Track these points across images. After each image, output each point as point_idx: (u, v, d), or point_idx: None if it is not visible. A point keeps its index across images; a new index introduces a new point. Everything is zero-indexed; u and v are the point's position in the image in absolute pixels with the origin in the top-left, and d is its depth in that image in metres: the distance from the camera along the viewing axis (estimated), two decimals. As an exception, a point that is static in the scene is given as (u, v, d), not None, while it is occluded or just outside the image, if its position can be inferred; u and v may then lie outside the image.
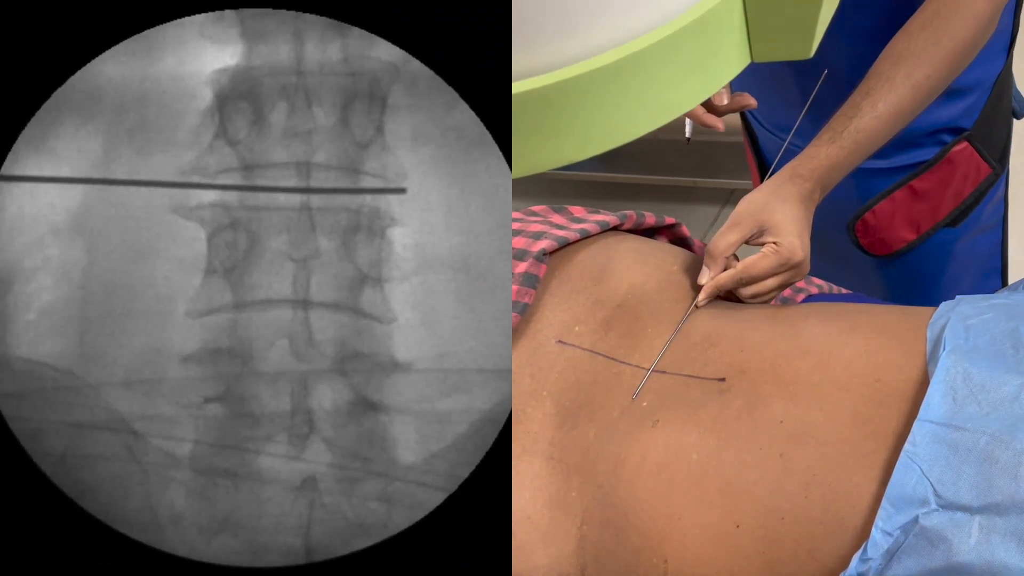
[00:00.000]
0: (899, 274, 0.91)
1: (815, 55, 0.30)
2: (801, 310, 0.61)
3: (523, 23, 0.26)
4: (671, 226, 0.76)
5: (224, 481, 0.44)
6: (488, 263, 0.44)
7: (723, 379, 0.56)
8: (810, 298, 0.74)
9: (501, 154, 0.43)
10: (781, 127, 0.90)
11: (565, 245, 0.67)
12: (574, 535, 0.55)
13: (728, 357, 0.57)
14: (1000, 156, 0.87)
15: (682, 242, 0.77)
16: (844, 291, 0.78)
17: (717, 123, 0.73)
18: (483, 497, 0.44)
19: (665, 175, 1.57)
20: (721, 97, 0.75)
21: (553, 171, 0.29)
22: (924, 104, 0.69)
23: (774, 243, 0.63)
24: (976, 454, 0.45)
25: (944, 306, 0.55)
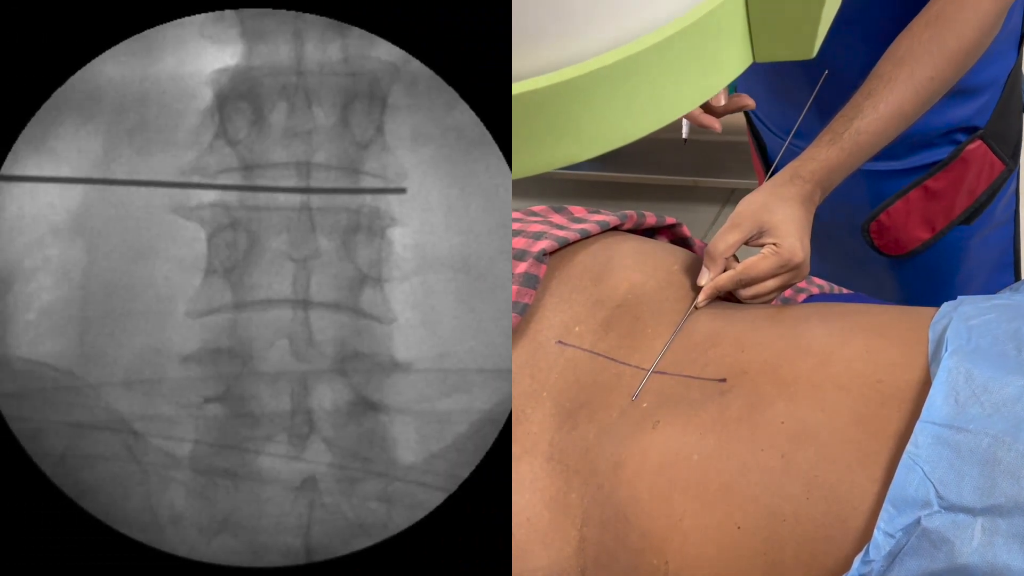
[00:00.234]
0: (914, 273, 0.91)
1: (823, 58, 0.30)
2: (802, 310, 0.61)
3: (524, 23, 0.26)
4: (672, 226, 0.76)
5: (224, 481, 0.44)
6: (488, 263, 0.44)
7: (724, 380, 0.56)
8: (811, 298, 0.74)
9: (501, 154, 0.43)
10: (789, 131, 0.89)
11: (565, 245, 0.67)
12: (574, 536, 0.55)
13: (729, 358, 0.57)
14: (1013, 152, 0.87)
15: (683, 242, 0.77)
16: (845, 291, 0.78)
17: (714, 123, 0.73)
18: (483, 497, 0.44)
19: (665, 175, 1.57)
20: (719, 98, 0.75)
21: (554, 171, 0.29)
22: (927, 105, 0.68)
23: (774, 244, 0.62)
24: (979, 455, 0.45)
25: (946, 306, 0.55)
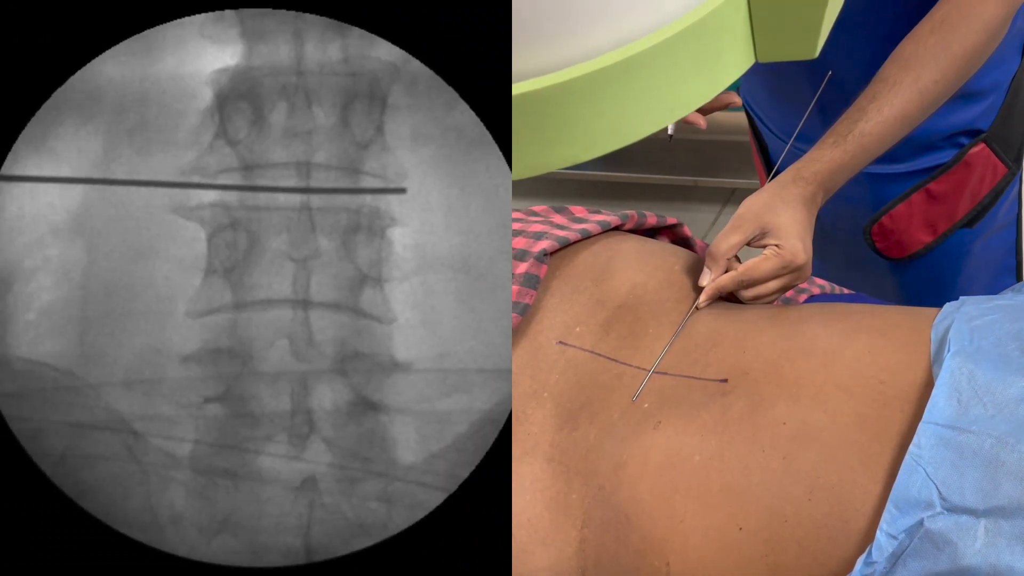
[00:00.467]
0: (915, 276, 0.91)
1: (824, 60, 0.29)
2: (804, 311, 0.61)
3: (526, 24, 0.26)
4: (673, 226, 0.76)
5: (224, 481, 0.44)
6: (488, 263, 0.44)
7: (725, 380, 0.56)
8: (812, 298, 0.74)
9: (501, 154, 0.43)
10: (789, 133, 0.89)
11: (566, 245, 0.67)
12: (575, 538, 0.54)
13: (730, 358, 0.57)
14: (1016, 155, 0.87)
15: (684, 242, 0.77)
16: (847, 291, 0.77)
17: (699, 120, 0.72)
18: (483, 497, 0.43)
19: (666, 175, 1.57)
20: None
21: (554, 171, 0.29)
22: (931, 109, 0.68)
23: (776, 245, 0.62)
24: (981, 457, 0.44)
25: (948, 307, 0.55)
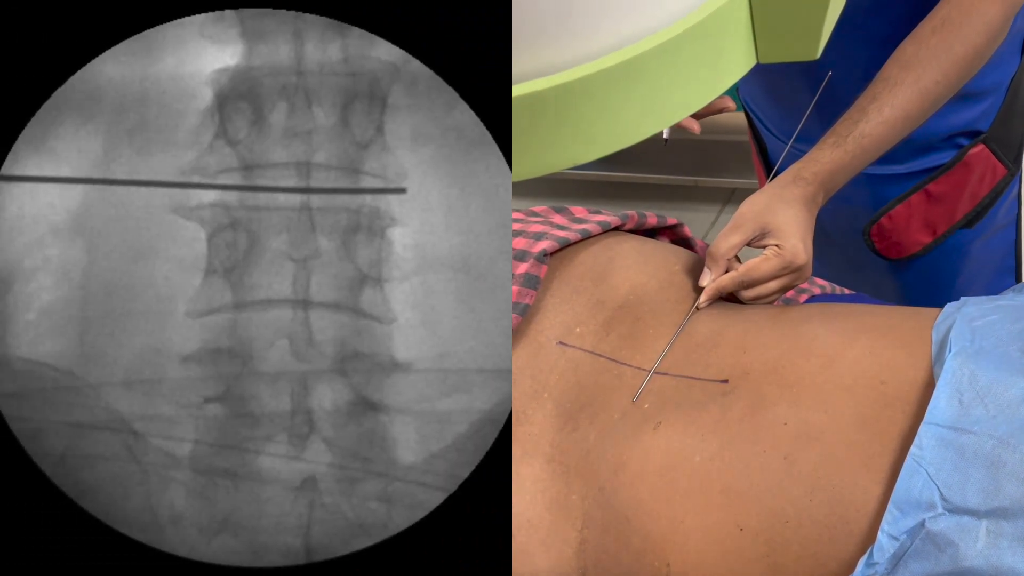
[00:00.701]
0: (914, 277, 0.91)
1: (824, 62, 0.29)
2: (804, 311, 0.61)
3: (526, 24, 0.26)
4: (673, 226, 0.76)
5: (224, 481, 0.44)
6: (488, 263, 0.44)
7: (726, 381, 0.55)
8: (813, 298, 0.74)
9: (501, 154, 0.43)
10: (789, 134, 0.89)
11: (566, 246, 0.67)
12: (575, 538, 0.54)
13: (731, 358, 0.57)
14: (1016, 156, 0.87)
15: (684, 243, 0.77)
16: (847, 292, 0.77)
17: (692, 124, 0.72)
18: (483, 497, 0.43)
19: (666, 175, 1.57)
20: None
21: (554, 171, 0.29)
22: (932, 110, 0.68)
23: (776, 246, 0.62)
24: (983, 457, 0.44)
25: (949, 307, 0.55)
